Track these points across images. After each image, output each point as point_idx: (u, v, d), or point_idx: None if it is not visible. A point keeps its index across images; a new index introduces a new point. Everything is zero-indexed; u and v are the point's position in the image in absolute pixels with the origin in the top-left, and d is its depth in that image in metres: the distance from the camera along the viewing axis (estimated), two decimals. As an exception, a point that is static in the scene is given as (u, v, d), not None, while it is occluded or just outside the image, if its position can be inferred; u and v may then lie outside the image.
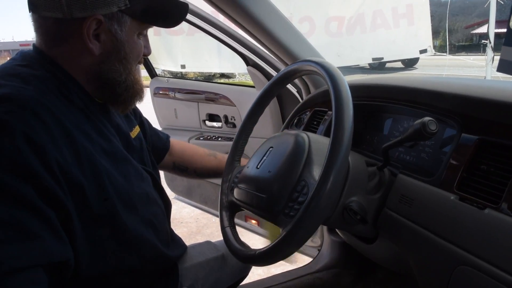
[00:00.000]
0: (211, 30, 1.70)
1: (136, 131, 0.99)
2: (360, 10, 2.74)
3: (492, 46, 3.57)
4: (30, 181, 0.61)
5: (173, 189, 2.47)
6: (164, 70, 3.12)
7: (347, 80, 0.80)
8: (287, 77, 0.95)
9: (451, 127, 0.85)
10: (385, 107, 1.08)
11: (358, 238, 1.02)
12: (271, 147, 0.90)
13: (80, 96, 0.79)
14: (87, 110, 0.79)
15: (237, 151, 1.06)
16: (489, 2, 3.73)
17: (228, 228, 0.96)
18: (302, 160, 0.81)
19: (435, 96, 0.87)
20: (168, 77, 2.37)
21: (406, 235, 0.81)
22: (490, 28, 3.55)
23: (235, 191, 0.95)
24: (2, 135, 0.61)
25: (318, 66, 0.81)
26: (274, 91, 1.00)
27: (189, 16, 1.69)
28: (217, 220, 2.48)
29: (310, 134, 0.88)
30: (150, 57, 2.37)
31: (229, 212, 0.98)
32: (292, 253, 0.73)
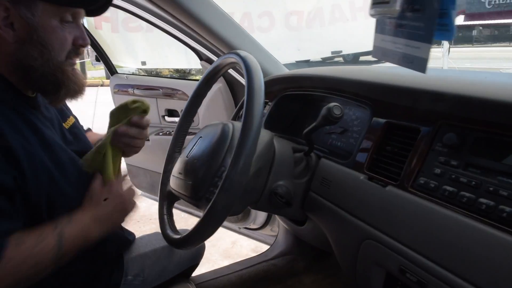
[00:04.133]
0: (164, 26, 1.71)
1: (70, 121, 1.00)
2: (318, 4, 2.80)
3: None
4: None
5: (137, 185, 2.47)
6: (139, 69, 3.09)
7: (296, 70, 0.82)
8: (214, 73, 0.99)
9: (366, 112, 0.90)
10: (320, 96, 1.13)
11: (291, 220, 1.07)
12: (201, 137, 0.94)
13: (7, 92, 0.80)
14: (17, 106, 0.80)
15: (177, 143, 1.09)
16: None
17: (165, 216, 0.99)
18: (225, 147, 0.85)
19: (353, 84, 0.93)
20: (127, 74, 2.37)
21: (325, 214, 0.87)
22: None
23: (171, 179, 0.99)
24: None
25: (237, 57, 0.85)
26: (204, 91, 1.05)
27: (138, 11, 1.70)
28: (185, 215, 2.49)
29: (236, 123, 0.92)
30: (110, 55, 2.36)
31: (167, 201, 1.02)
32: (211, 233, 0.77)
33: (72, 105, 1.00)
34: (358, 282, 0.79)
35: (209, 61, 1.78)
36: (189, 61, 2.43)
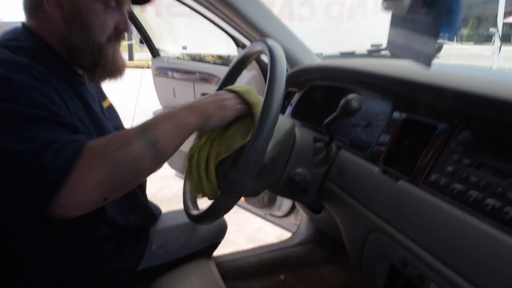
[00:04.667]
0: (204, 12, 1.76)
1: (107, 102, 1.08)
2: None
3: (500, 35, 3.47)
4: (49, 111, 0.71)
5: (172, 165, 2.58)
6: (183, 54, 3.17)
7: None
8: (243, 61, 1.02)
9: (388, 106, 0.90)
10: (347, 88, 1.14)
11: (308, 208, 1.09)
12: None
13: (61, 66, 0.89)
14: (69, 79, 0.89)
15: None
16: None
17: (188, 194, 1.05)
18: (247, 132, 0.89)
19: (376, 77, 0.93)
20: (168, 57, 2.46)
21: (339, 204, 0.89)
22: (499, 17, 3.44)
23: None
24: (14, 85, 0.70)
25: (264, 45, 0.88)
26: (234, 75, 1.08)
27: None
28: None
29: None
30: (153, 38, 2.46)
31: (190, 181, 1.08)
32: (227, 210, 0.81)
33: (119, 85, 1.07)
34: (364, 273, 0.81)
35: (245, 47, 1.81)
36: (229, 47, 2.47)
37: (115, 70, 0.95)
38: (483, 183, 0.61)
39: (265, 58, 1.70)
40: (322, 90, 1.21)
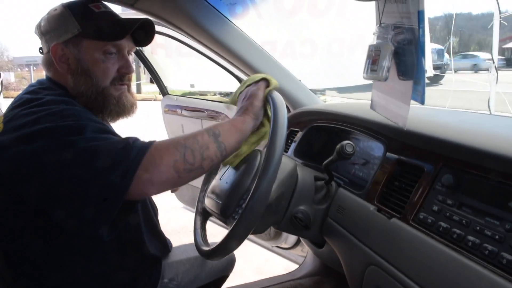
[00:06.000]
0: (208, 53, 1.89)
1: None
2: (360, 31, 2.88)
3: (496, 65, 3.59)
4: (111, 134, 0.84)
5: (180, 198, 2.65)
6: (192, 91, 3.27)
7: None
8: None
9: (382, 148, 0.98)
10: (346, 130, 1.23)
11: (312, 242, 1.16)
12: None
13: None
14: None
15: None
16: (492, 23, 3.76)
17: (199, 230, 1.13)
18: (252, 173, 0.97)
19: (370, 123, 1.02)
20: (177, 96, 2.59)
21: (339, 239, 0.95)
22: (494, 48, 3.57)
23: (205, 198, 1.12)
24: (76, 117, 0.82)
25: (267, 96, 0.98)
26: None
27: (188, 41, 1.89)
28: (223, 229, 2.63)
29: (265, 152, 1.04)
30: (162, 77, 2.60)
31: (202, 217, 1.15)
32: (236, 247, 0.88)
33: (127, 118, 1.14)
34: (364, 304, 0.86)
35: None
36: (231, 85, 2.61)
37: (121, 111, 1.04)
38: (464, 221, 0.68)
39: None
40: (322, 130, 1.30)
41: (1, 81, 1.72)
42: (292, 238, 1.92)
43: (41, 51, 1.01)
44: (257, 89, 0.97)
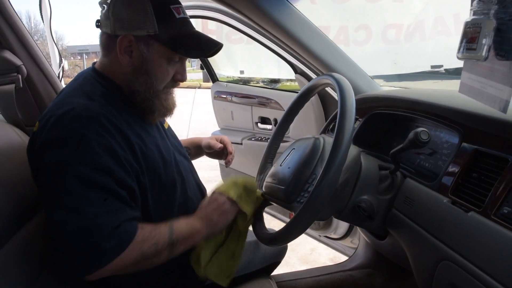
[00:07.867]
0: (262, 40, 1.87)
1: (167, 124, 1.21)
2: (419, 17, 2.72)
3: None
4: (109, 174, 0.85)
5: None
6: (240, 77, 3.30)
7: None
8: (309, 92, 1.10)
9: (456, 137, 0.92)
10: (410, 117, 1.17)
11: (372, 234, 1.12)
12: (293, 149, 1.05)
13: (131, 107, 1.00)
14: (134, 115, 1.00)
15: (269, 155, 1.23)
16: None
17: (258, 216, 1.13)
18: (316, 158, 0.95)
19: (443, 109, 0.95)
20: (227, 82, 2.60)
21: (406, 232, 0.91)
22: None
23: (264, 185, 1.12)
24: (84, 145, 0.84)
25: (332, 79, 0.94)
26: (300, 105, 1.15)
27: (241, 26, 1.88)
28: (268, 216, 2.64)
29: (326, 138, 1.01)
30: (212, 63, 2.61)
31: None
32: (298, 234, 0.87)
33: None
34: (433, 301, 0.82)
35: (303, 74, 1.89)
36: (280, 72, 2.58)
37: (166, 112, 1.06)
38: (559, 218, 0.62)
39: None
40: (383, 118, 1.25)
41: (63, 67, 1.81)
42: (342, 229, 1.88)
43: (98, 24, 0.99)
44: (229, 211, 1.03)
